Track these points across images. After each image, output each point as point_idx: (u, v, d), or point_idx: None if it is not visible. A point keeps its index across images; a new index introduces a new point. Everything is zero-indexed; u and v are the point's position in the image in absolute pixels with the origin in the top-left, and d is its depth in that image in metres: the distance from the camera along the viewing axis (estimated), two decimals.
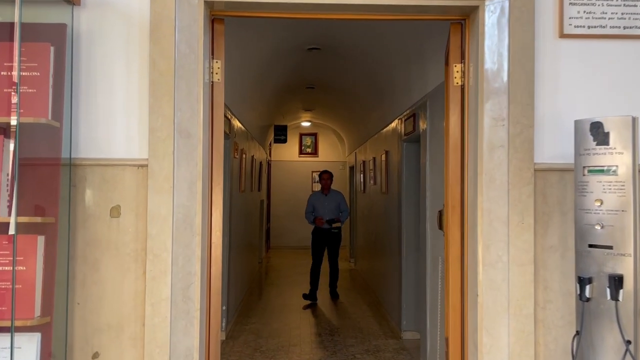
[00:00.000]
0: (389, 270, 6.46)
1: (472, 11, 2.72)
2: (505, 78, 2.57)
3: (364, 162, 9.13)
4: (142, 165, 2.50)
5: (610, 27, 2.57)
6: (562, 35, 2.58)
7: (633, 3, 2.57)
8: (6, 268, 2.22)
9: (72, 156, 2.45)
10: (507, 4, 2.57)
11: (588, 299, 2.22)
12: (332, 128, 13.22)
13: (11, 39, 2.27)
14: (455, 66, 2.89)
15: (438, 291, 4.22)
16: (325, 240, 7.60)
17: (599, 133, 2.21)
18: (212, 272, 2.76)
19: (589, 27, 2.57)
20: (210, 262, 2.75)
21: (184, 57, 2.54)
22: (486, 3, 2.62)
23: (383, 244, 7.08)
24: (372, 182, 8.13)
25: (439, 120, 4.32)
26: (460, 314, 2.89)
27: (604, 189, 2.20)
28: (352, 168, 11.60)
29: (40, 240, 2.28)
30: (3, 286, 2.21)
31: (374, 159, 7.79)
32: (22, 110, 2.25)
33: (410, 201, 5.59)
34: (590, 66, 2.59)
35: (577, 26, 2.57)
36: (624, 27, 2.57)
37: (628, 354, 2.13)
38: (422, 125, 4.71)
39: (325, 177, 7.75)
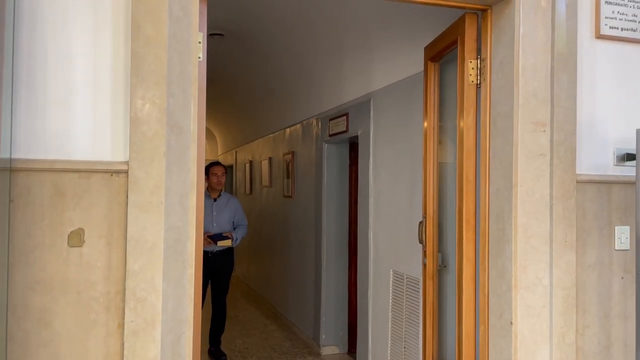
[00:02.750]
0: (299, 279, 6.00)
1: (499, 0, 2.40)
2: (547, 78, 2.29)
3: (251, 162, 8.53)
4: (118, 172, 1.75)
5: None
6: (599, 36, 2.37)
7: None
8: None
9: (11, 157, 1.62)
10: None
11: None
12: None
13: None
14: (471, 62, 2.55)
15: (389, 308, 3.88)
16: (209, 270, 4.49)
17: None
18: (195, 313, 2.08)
19: (622, 29, 2.40)
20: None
21: (177, 23, 1.84)
22: None
23: (285, 250, 6.60)
24: (264, 183, 7.59)
25: (386, 121, 4.00)
26: (473, 342, 2.57)
27: None
28: (228, 168, 10.88)
29: None
30: None
31: (270, 159, 7.26)
32: None
33: (334, 207, 5.20)
34: (624, 72, 2.42)
35: (612, 27, 2.39)
36: None
37: None
38: (362, 125, 4.34)
39: (219, 171, 4.93)
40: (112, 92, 1.76)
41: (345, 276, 5.26)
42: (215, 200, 4.93)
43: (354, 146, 5.18)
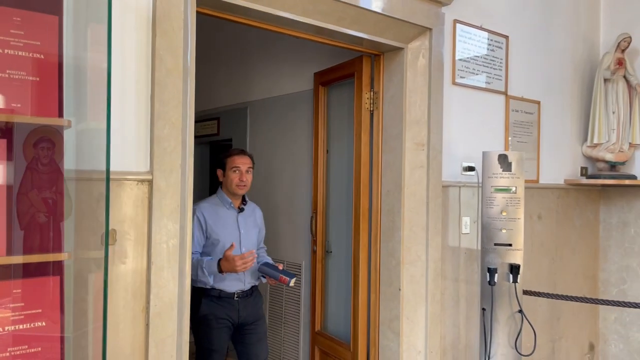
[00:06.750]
0: None
1: (391, 50, 3.20)
2: (425, 111, 3.16)
3: None
4: (142, 181, 2.08)
5: (477, 81, 3.46)
6: (454, 83, 3.33)
7: (490, 66, 3.52)
8: (23, 326, 1.59)
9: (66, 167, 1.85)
10: (427, 52, 3.15)
11: (495, 284, 3.03)
12: None
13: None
14: (366, 94, 3.31)
15: (266, 292, 4.48)
16: (234, 320, 3.13)
17: (505, 162, 3.04)
18: None
19: (467, 78, 3.40)
20: None
21: (186, 54, 2.22)
22: (409, 47, 3.15)
23: None
24: None
25: (265, 129, 4.57)
26: (366, 308, 3.35)
27: (507, 203, 3.04)
28: None
29: (55, 283, 1.70)
30: (21, 352, 1.57)
31: None
32: (18, 105, 1.65)
33: None
34: (466, 109, 3.42)
35: (462, 77, 3.37)
36: (485, 82, 3.50)
37: (522, 317, 3.03)
38: (237, 131, 4.84)
39: (243, 164, 3.27)
40: (136, 113, 2.07)
41: None
42: (240, 210, 3.27)
43: (214, 148, 5.61)
